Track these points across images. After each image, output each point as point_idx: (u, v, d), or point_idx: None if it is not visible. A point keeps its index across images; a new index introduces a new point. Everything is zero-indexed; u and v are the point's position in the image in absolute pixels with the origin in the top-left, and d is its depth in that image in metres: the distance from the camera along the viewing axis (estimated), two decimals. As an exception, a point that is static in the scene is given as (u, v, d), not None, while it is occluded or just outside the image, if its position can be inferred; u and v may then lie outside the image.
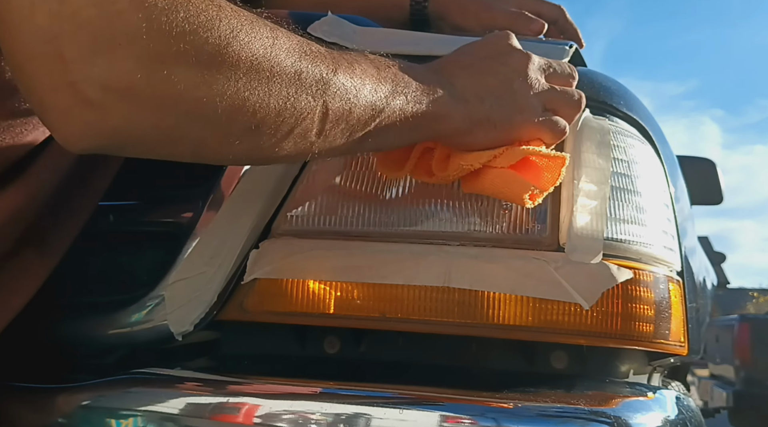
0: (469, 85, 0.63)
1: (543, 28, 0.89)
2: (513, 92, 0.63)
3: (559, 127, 0.65)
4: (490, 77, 0.63)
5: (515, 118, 0.63)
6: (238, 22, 0.48)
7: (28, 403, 0.65)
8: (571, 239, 0.65)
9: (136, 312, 0.69)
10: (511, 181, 0.63)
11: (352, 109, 0.55)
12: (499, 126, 0.63)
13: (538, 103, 0.64)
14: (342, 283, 0.66)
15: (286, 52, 0.51)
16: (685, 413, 0.68)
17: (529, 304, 0.64)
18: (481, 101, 0.62)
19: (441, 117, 0.61)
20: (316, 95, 0.52)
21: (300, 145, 0.54)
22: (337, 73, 0.54)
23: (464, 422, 0.57)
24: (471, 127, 0.62)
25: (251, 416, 0.59)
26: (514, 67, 0.64)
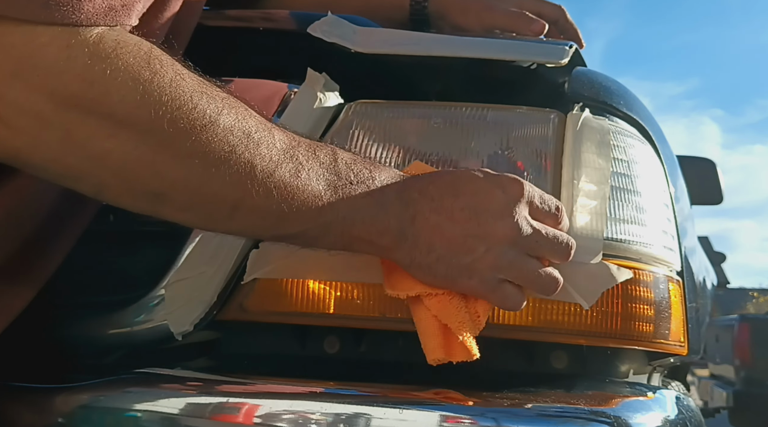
0: (429, 231, 0.58)
1: (543, 29, 0.89)
2: (472, 258, 0.58)
3: (511, 300, 0.60)
4: (457, 233, 0.58)
5: (461, 281, 0.59)
6: (171, 92, 0.48)
7: (28, 403, 0.65)
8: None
9: (136, 312, 0.69)
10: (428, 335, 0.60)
11: (275, 212, 0.53)
12: (440, 279, 0.59)
13: (494, 276, 0.59)
14: (342, 283, 0.66)
15: (221, 136, 0.50)
16: (685, 413, 0.68)
17: (529, 304, 0.64)
18: (429, 250, 0.58)
19: (382, 248, 0.59)
20: (235, 185, 0.51)
21: (207, 224, 0.55)
22: (273, 173, 0.52)
23: (464, 422, 0.57)
24: (411, 266, 0.59)
25: (251, 416, 0.59)
26: (490, 233, 0.58)
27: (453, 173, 0.61)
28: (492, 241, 0.58)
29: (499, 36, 0.88)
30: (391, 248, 0.59)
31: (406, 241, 0.58)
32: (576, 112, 0.71)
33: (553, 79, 0.77)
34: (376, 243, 0.59)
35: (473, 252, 0.58)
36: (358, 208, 0.57)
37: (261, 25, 0.83)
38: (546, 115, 0.72)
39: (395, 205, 0.58)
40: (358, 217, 0.57)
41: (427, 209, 0.58)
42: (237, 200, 0.52)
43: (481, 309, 0.61)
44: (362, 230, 0.57)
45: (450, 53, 0.75)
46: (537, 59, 0.74)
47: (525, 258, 0.60)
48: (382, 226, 0.58)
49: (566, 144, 0.69)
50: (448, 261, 0.58)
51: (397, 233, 0.58)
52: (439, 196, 0.59)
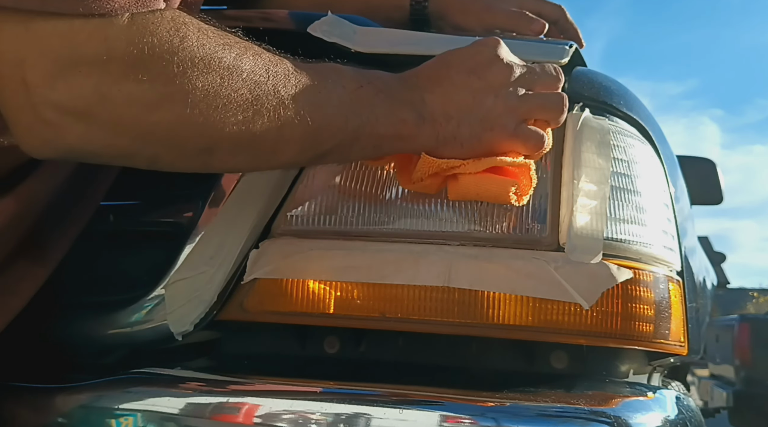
0: (440, 102, 0.62)
1: (544, 29, 0.89)
2: (485, 109, 0.62)
3: (534, 138, 0.64)
4: (464, 93, 0.63)
5: (484, 136, 0.63)
6: (201, 52, 0.50)
7: (29, 403, 0.65)
8: (571, 239, 0.65)
9: (136, 312, 0.69)
10: (491, 183, 0.63)
11: (310, 132, 0.56)
12: (466, 144, 0.63)
13: (512, 119, 0.63)
14: (342, 283, 0.66)
15: (247, 78, 0.53)
16: (685, 413, 0.68)
17: (529, 304, 0.64)
18: (447, 119, 0.62)
19: (405, 138, 0.62)
20: (273, 120, 0.54)
21: (256, 163, 0.58)
22: (298, 96, 0.55)
23: (464, 422, 0.57)
24: (437, 145, 0.63)
25: (251, 416, 0.59)
26: (490, 81, 0.63)
27: (436, 57, 0.66)
28: (495, 88, 0.63)
29: (500, 36, 0.87)
30: (416, 134, 0.62)
31: (425, 121, 0.62)
32: (576, 112, 0.71)
33: (553, 79, 0.77)
34: (401, 134, 0.61)
35: (484, 104, 0.63)
36: (376, 106, 0.60)
37: (260, 24, 0.83)
38: (546, 115, 0.72)
39: (404, 93, 0.62)
40: (380, 114, 0.60)
41: (430, 86, 0.63)
42: (276, 132, 0.55)
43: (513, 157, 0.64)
44: (386, 125, 0.60)
45: (450, 53, 0.75)
46: (537, 59, 0.74)
47: (529, 93, 0.65)
48: (401, 115, 0.61)
49: (566, 144, 0.69)
50: (468, 122, 0.62)
51: (415, 116, 0.61)
52: (435, 73, 0.64)
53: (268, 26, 0.82)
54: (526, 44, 0.78)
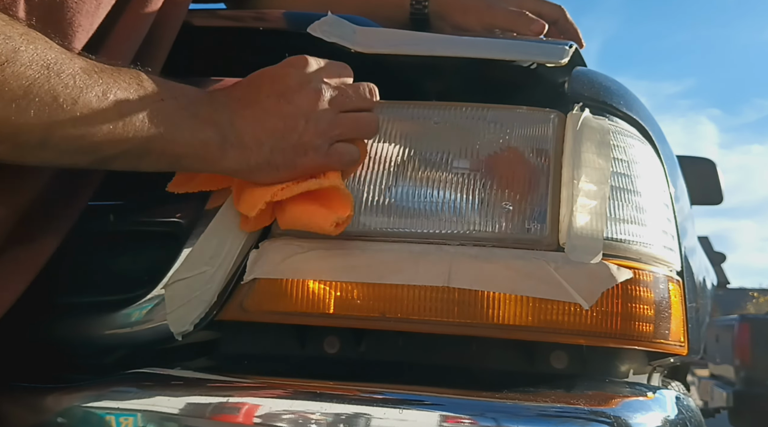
0: (250, 128, 0.62)
1: (543, 29, 0.89)
2: (297, 134, 0.62)
3: (347, 155, 0.65)
4: (274, 118, 0.62)
5: (298, 161, 0.63)
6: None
7: (28, 403, 0.65)
8: (571, 239, 0.65)
9: (136, 312, 0.69)
10: (315, 216, 0.63)
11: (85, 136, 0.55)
12: (282, 169, 0.63)
13: (325, 141, 0.63)
14: (342, 283, 0.66)
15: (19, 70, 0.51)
16: (685, 413, 0.68)
17: (529, 304, 0.64)
18: (259, 146, 0.61)
19: (208, 160, 0.61)
20: (39, 116, 0.52)
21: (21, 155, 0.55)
22: (77, 98, 0.54)
23: (464, 422, 0.57)
24: (249, 170, 0.62)
25: (251, 416, 0.59)
26: (300, 106, 0.63)
27: (246, 77, 0.66)
28: (305, 111, 0.63)
29: (499, 36, 0.88)
30: (221, 157, 0.61)
31: (232, 146, 0.61)
32: (576, 112, 0.71)
33: (553, 79, 0.77)
34: (203, 156, 0.60)
35: (296, 129, 0.62)
36: (174, 123, 0.58)
37: (253, 24, 0.84)
38: (546, 115, 0.72)
39: (210, 112, 0.61)
40: (177, 132, 0.58)
41: (240, 107, 0.62)
42: (45, 130, 0.53)
43: (331, 178, 0.64)
44: (183, 144, 0.59)
45: (450, 53, 0.75)
46: (537, 59, 0.74)
47: (340, 114, 0.65)
48: (203, 135, 0.59)
49: (566, 144, 0.69)
50: (281, 148, 0.62)
51: (220, 139, 0.60)
52: (244, 94, 0.63)
53: (258, 26, 0.82)
54: (526, 44, 0.78)
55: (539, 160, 0.69)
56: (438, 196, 0.68)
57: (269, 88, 0.64)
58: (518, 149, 0.70)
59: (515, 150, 0.70)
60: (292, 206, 0.65)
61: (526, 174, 0.69)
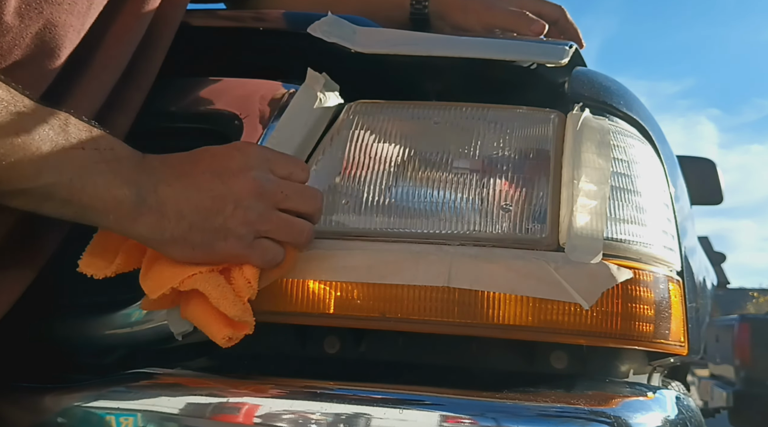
0: (175, 198, 0.58)
1: (544, 29, 0.89)
2: (223, 217, 0.59)
3: (270, 253, 0.62)
4: (204, 195, 0.59)
5: (218, 244, 0.60)
6: None
7: (28, 403, 0.65)
8: (571, 239, 0.65)
9: (136, 312, 0.69)
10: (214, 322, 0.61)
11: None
12: (199, 249, 0.60)
13: (249, 233, 0.60)
14: (342, 283, 0.66)
15: None
16: (685, 413, 0.68)
17: (529, 304, 0.64)
18: (180, 219, 0.58)
19: (118, 219, 0.57)
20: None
21: None
22: None
23: (464, 422, 0.57)
24: (164, 241, 0.59)
25: (251, 416, 0.59)
26: (234, 189, 0.60)
27: (189, 151, 0.63)
28: (237, 196, 0.60)
29: (500, 36, 0.88)
30: (133, 220, 0.57)
31: (150, 210, 0.58)
32: (576, 112, 0.71)
33: (553, 79, 0.77)
34: (113, 212, 0.57)
35: (223, 211, 0.59)
36: (89, 173, 0.56)
37: (253, 25, 0.84)
38: (546, 115, 0.72)
39: (134, 173, 0.58)
40: (89, 182, 0.56)
41: (170, 176, 0.59)
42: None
43: (249, 274, 0.61)
44: (94, 196, 0.56)
45: (450, 53, 0.75)
46: (537, 59, 0.74)
47: (274, 211, 0.62)
48: (118, 192, 0.56)
49: (566, 144, 0.69)
50: (201, 227, 0.59)
51: (137, 200, 0.57)
52: (179, 164, 0.61)
53: (258, 26, 0.82)
54: (525, 44, 0.78)
55: (539, 160, 0.69)
56: (438, 196, 0.68)
57: (207, 164, 0.61)
58: (518, 149, 0.70)
59: (515, 150, 0.70)
60: (195, 300, 0.61)
61: (526, 174, 0.69)
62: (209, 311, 0.61)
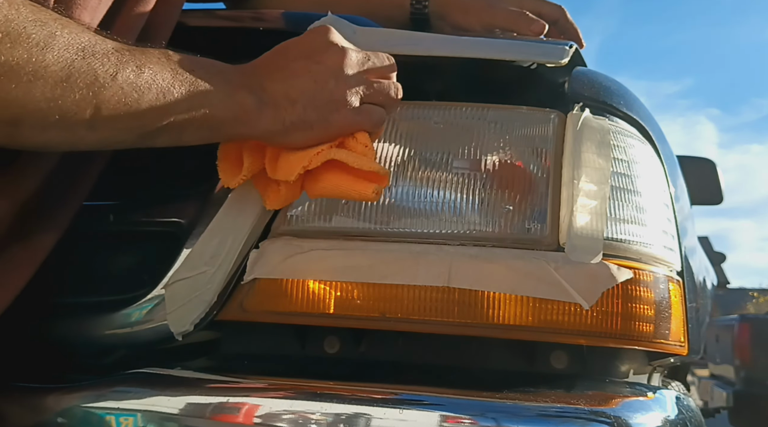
0: (282, 88, 0.63)
1: (544, 29, 0.89)
2: (328, 91, 0.64)
3: (376, 115, 0.66)
4: (304, 77, 0.63)
5: (332, 117, 0.64)
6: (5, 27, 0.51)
7: (28, 403, 0.65)
8: (571, 239, 0.65)
9: (136, 312, 0.69)
10: (354, 186, 0.64)
11: (130, 110, 0.56)
12: (316, 126, 0.63)
13: (355, 100, 0.65)
14: (342, 283, 0.66)
15: (58, 55, 0.52)
16: (685, 413, 0.68)
17: (529, 304, 0.64)
18: (293, 104, 0.63)
19: (246, 121, 0.62)
20: (85, 97, 0.53)
21: (71, 139, 0.56)
22: (117, 76, 0.55)
23: (464, 422, 0.57)
24: (285, 130, 0.63)
25: (251, 416, 0.59)
26: (328, 65, 0.64)
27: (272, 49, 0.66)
28: (334, 70, 0.64)
29: (500, 36, 0.88)
30: (257, 118, 0.62)
31: (266, 105, 0.62)
32: (576, 112, 0.71)
33: (553, 79, 0.77)
34: (240, 118, 0.61)
35: (326, 86, 0.63)
36: (210, 90, 0.60)
37: (252, 25, 0.83)
38: (546, 115, 0.72)
39: (240, 78, 0.62)
40: (214, 98, 0.60)
41: (268, 73, 0.64)
42: (91, 110, 0.54)
43: (363, 140, 0.65)
44: (222, 109, 0.60)
45: (450, 53, 0.75)
46: (537, 59, 0.74)
47: (366, 78, 0.66)
48: (238, 97, 0.61)
49: (566, 144, 0.69)
50: (314, 105, 0.63)
51: (255, 99, 0.62)
52: (271, 61, 0.65)
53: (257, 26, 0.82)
54: (525, 44, 0.78)
55: (539, 160, 0.69)
56: (438, 196, 0.68)
57: (295, 51, 0.65)
58: (518, 149, 0.70)
59: (515, 150, 0.70)
60: (324, 174, 0.64)
61: (526, 174, 0.69)
62: (343, 177, 0.64)
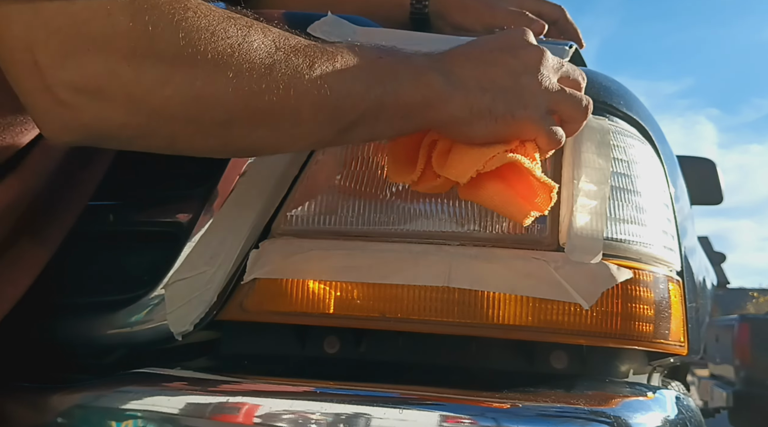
0: (472, 74, 0.60)
1: (543, 29, 0.90)
2: (520, 86, 0.61)
3: (557, 135, 0.63)
4: (498, 68, 0.61)
5: (518, 112, 0.60)
6: (204, 22, 0.50)
7: (28, 403, 0.65)
8: (571, 239, 0.65)
9: (136, 312, 0.69)
10: (511, 203, 0.61)
11: (330, 101, 0.55)
12: (500, 120, 0.60)
13: (544, 102, 0.62)
14: (342, 283, 0.66)
15: (257, 49, 0.52)
16: (685, 413, 0.68)
17: (529, 304, 0.64)
18: (483, 92, 0.60)
19: (435, 104, 0.59)
20: (288, 88, 0.53)
21: (277, 138, 0.56)
22: (313, 66, 0.54)
23: (464, 422, 0.57)
24: (470, 118, 0.60)
25: (251, 416, 0.59)
26: (525, 61, 0.61)
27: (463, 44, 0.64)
28: (530, 66, 0.61)
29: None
30: (446, 100, 0.59)
31: (455, 88, 0.59)
32: (576, 112, 0.71)
33: (553, 79, 0.77)
34: (430, 100, 0.59)
35: (520, 81, 0.61)
36: (399, 74, 0.58)
37: None
38: (546, 115, 0.72)
39: (429, 62, 0.60)
40: (404, 80, 0.58)
41: (459, 61, 0.61)
42: (295, 102, 0.53)
43: (532, 151, 0.62)
44: (412, 92, 0.58)
45: (450, 53, 0.75)
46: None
47: (559, 84, 0.63)
48: (426, 78, 0.59)
49: (566, 144, 0.69)
50: (503, 97, 0.60)
51: (443, 81, 0.59)
52: (464, 50, 0.62)
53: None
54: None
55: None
56: (438, 197, 0.68)
57: (492, 44, 0.63)
58: (518, 149, 0.70)
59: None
60: (492, 182, 0.61)
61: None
62: (509, 191, 0.61)
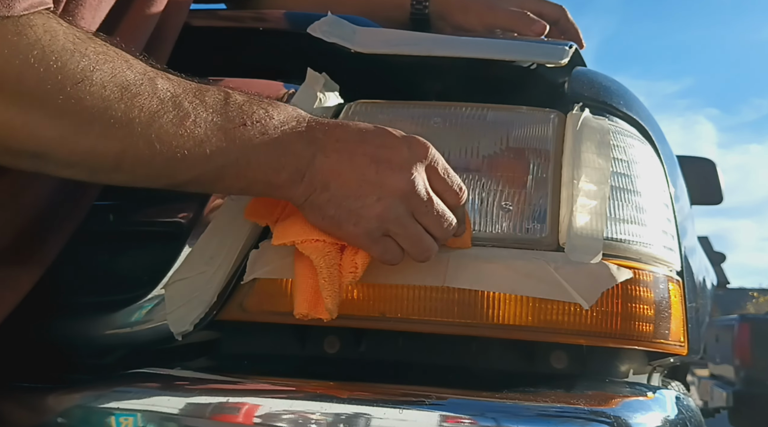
0: (327, 170, 0.58)
1: (544, 30, 0.90)
2: (362, 203, 0.59)
3: (388, 255, 0.61)
4: (354, 176, 0.59)
5: (346, 225, 0.59)
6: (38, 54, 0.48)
7: (28, 402, 0.65)
8: (571, 239, 0.65)
9: (136, 312, 0.69)
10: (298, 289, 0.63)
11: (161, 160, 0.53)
12: (327, 220, 0.60)
13: (380, 228, 0.59)
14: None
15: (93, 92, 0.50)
16: (685, 413, 0.68)
17: (529, 304, 0.64)
18: (323, 190, 0.59)
19: (275, 186, 0.59)
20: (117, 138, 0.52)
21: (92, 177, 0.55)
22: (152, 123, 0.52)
23: (464, 422, 0.57)
24: (302, 205, 0.60)
25: (251, 416, 0.59)
26: (384, 184, 0.59)
27: (364, 124, 0.62)
28: (385, 191, 0.59)
29: (500, 36, 0.88)
30: (287, 186, 0.59)
31: (303, 180, 0.59)
32: (576, 112, 0.71)
33: (553, 79, 0.77)
34: (272, 182, 0.58)
35: (364, 198, 0.59)
36: (253, 150, 0.56)
37: (253, 25, 0.84)
38: (546, 115, 0.72)
39: (296, 143, 0.58)
40: (254, 158, 0.57)
41: (330, 148, 0.59)
42: (118, 153, 0.52)
43: (360, 261, 0.62)
44: (258, 171, 0.57)
45: (450, 53, 0.75)
46: (537, 59, 0.74)
47: (411, 219, 0.60)
48: (278, 164, 0.58)
49: (566, 144, 0.69)
50: (338, 203, 0.59)
51: (293, 170, 0.58)
52: (344, 139, 0.60)
53: (258, 26, 0.82)
54: (526, 45, 0.78)
55: (539, 160, 0.69)
56: (438, 197, 0.68)
57: (372, 148, 0.60)
58: (518, 149, 0.70)
59: (515, 150, 0.70)
60: (305, 262, 0.62)
61: (526, 174, 0.69)
62: (307, 280, 0.62)
